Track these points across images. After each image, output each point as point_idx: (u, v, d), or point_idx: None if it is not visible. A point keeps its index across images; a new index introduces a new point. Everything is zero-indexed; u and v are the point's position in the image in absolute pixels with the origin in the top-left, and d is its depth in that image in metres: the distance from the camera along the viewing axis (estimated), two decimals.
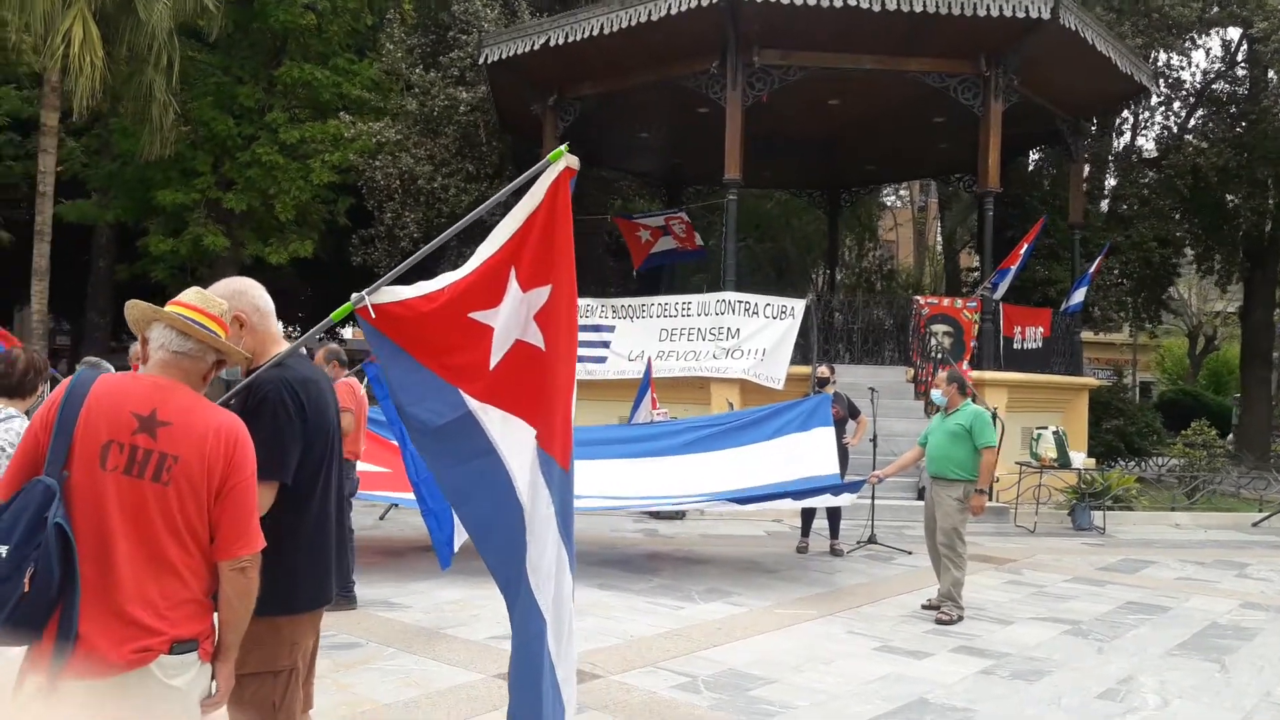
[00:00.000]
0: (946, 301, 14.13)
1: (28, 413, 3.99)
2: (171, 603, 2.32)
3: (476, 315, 2.88)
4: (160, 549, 2.31)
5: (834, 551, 9.45)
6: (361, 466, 7.39)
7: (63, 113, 18.18)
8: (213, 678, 2.46)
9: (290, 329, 27.12)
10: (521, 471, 2.93)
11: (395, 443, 8.00)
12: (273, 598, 2.62)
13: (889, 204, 32.58)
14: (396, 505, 10.46)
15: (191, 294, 2.57)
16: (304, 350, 3.03)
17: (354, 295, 2.84)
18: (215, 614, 2.46)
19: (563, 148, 2.92)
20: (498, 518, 2.92)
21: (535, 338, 2.95)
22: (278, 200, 19.90)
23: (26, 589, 2.14)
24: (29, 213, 18.26)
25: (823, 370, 10.15)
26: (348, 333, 34.67)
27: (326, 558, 2.90)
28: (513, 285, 2.90)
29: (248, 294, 2.88)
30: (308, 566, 2.83)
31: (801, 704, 5.00)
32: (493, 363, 2.91)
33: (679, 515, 11.37)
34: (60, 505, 2.21)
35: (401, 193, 17.50)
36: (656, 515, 11.33)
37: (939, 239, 30.25)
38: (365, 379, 7.48)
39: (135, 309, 2.54)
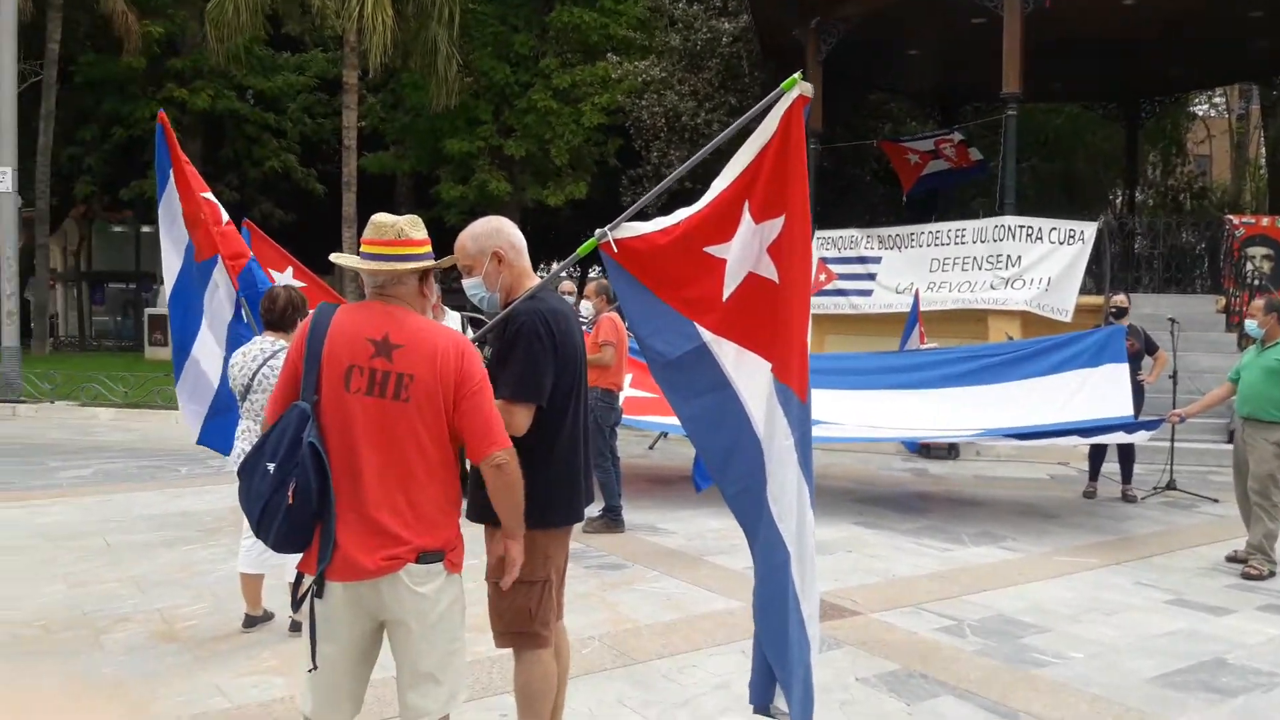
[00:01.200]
0: (1266, 221, 12.46)
1: None
2: (417, 512, 2.51)
3: (710, 249, 2.90)
4: (404, 461, 2.50)
5: (1126, 497, 8.69)
6: (629, 392, 7.65)
7: (361, 71, 19.77)
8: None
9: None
10: (757, 405, 2.92)
11: None
12: (529, 513, 2.78)
13: (1200, 113, 28.99)
14: (665, 435, 10.77)
15: (369, 227, 2.68)
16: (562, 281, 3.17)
17: (597, 231, 3.01)
18: (458, 525, 2.65)
19: (796, 76, 2.83)
20: (736, 450, 2.94)
21: (768, 270, 2.90)
22: (553, 145, 20.71)
23: (291, 500, 2.41)
24: (338, 166, 20.16)
25: (1120, 299, 9.26)
26: None
27: (576, 478, 3.06)
28: (745, 218, 2.88)
29: (503, 231, 3.05)
30: (560, 485, 3.00)
31: (1076, 655, 4.66)
32: (725, 295, 2.92)
33: (952, 454, 10.90)
34: (314, 426, 2.45)
35: (667, 131, 17.66)
36: (927, 454, 10.92)
37: (1262, 150, 26.65)
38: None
39: (340, 261, 2.79)
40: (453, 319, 7.67)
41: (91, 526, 6.97)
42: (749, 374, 2.93)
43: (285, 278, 6.99)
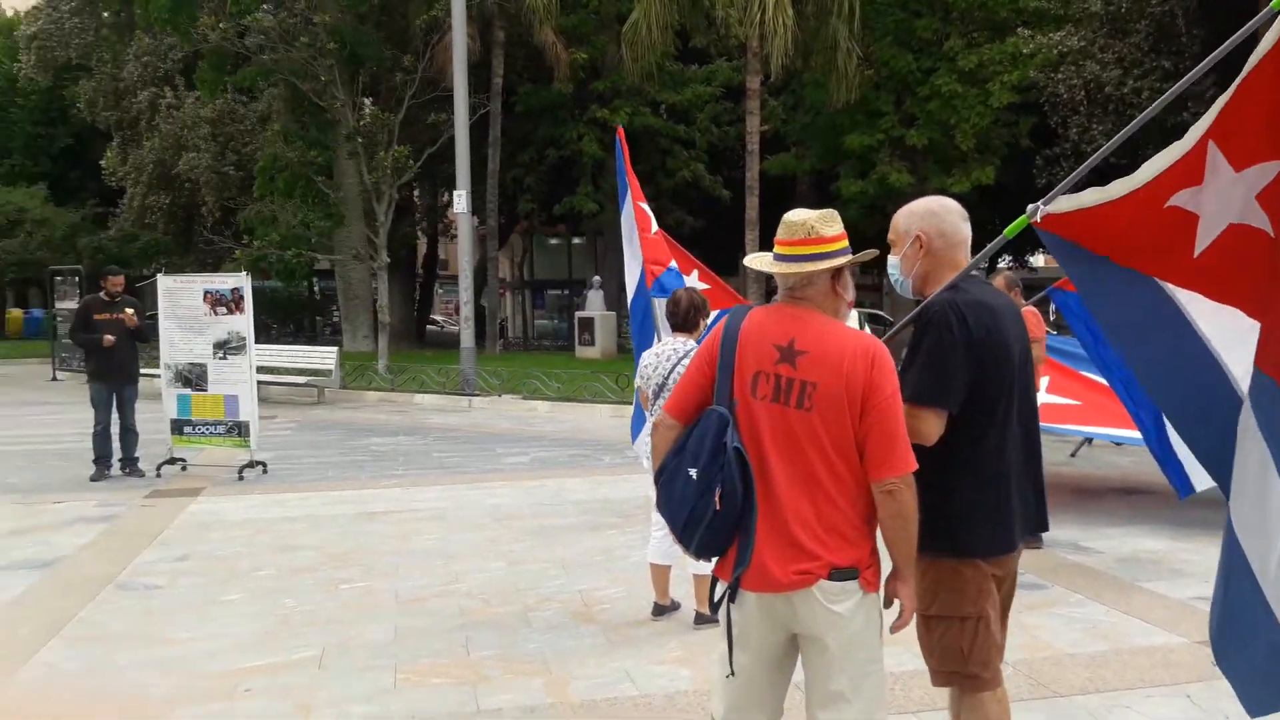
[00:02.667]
0: None
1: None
2: (826, 526, 2.38)
3: (1176, 201, 2.53)
4: (810, 472, 2.38)
5: None
6: (1046, 398, 7.01)
7: (763, 76, 20.17)
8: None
9: None
10: (1237, 363, 2.57)
11: (1085, 374, 7.45)
12: (945, 538, 2.55)
13: None
14: (1089, 441, 9.79)
15: (781, 226, 2.56)
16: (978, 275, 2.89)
17: (1029, 207, 2.74)
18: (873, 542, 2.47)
19: None
20: (1210, 412, 2.61)
21: (1258, 219, 2.46)
22: (957, 130, 19.77)
23: (718, 507, 2.37)
24: (741, 171, 20.77)
25: None
26: (1038, 260, 33.39)
27: (1007, 498, 2.65)
28: (1219, 164, 2.45)
29: (937, 216, 2.77)
30: (984, 507, 2.63)
31: None
32: (1197, 250, 2.56)
33: None
34: (735, 431, 2.40)
35: (1087, 104, 16.10)
36: None
37: None
38: (1051, 306, 7.06)
39: (752, 264, 2.67)
40: (850, 319, 7.50)
41: (528, 509, 7.73)
42: (1229, 331, 2.58)
43: (691, 280, 7.25)
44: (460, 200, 16.67)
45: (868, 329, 7.64)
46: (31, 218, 31.45)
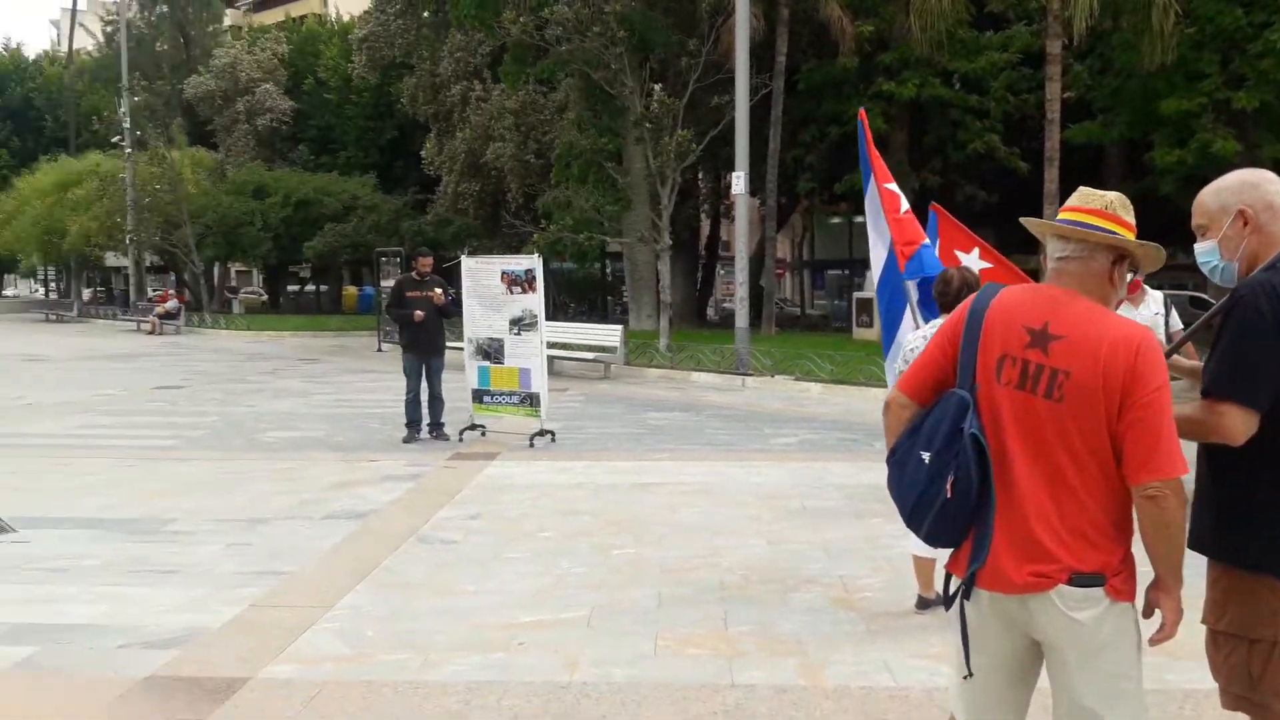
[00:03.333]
0: None
1: None
2: (1069, 527, 2.19)
3: None
4: (1055, 468, 2.20)
5: None
6: None
7: (1065, 40, 18.75)
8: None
9: None
10: None
11: None
12: (1238, 547, 2.30)
13: None
14: None
15: (1074, 195, 2.36)
16: None
17: None
18: (1126, 548, 2.26)
19: None
20: None
21: None
22: None
23: (949, 494, 2.24)
24: (1040, 142, 19.43)
25: None
26: None
27: None
28: None
29: (1259, 187, 2.44)
30: None
31: None
32: None
33: None
34: (974, 417, 2.25)
35: None
36: None
37: None
38: None
39: (1029, 224, 2.47)
40: (1154, 299, 6.87)
41: (793, 490, 7.74)
42: None
43: (971, 259, 6.91)
44: (738, 182, 16.83)
45: (1173, 314, 6.95)
46: (363, 204, 35.30)
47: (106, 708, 3.83)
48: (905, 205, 6.10)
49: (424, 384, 10.16)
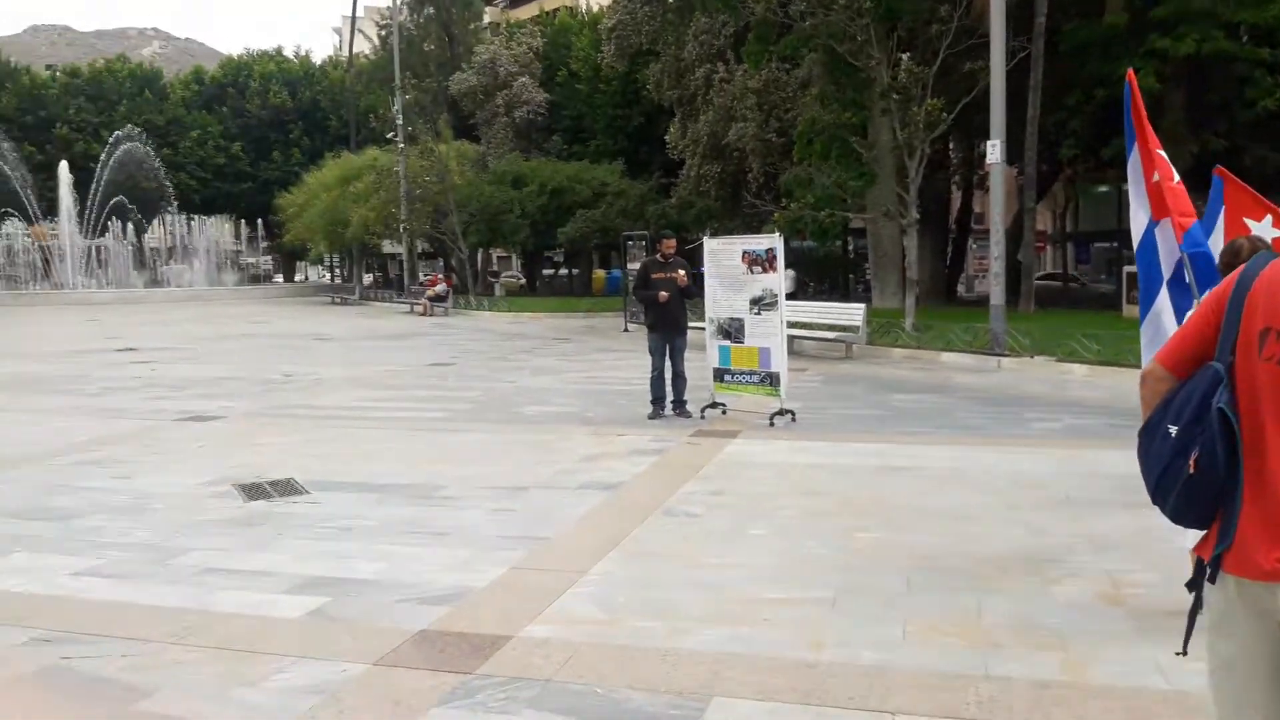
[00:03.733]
0: None
1: None
2: None
3: None
4: None
5: None
6: None
7: None
8: None
9: None
10: None
11: None
12: None
13: None
14: None
15: None
16: None
17: None
18: None
19: None
20: None
21: None
22: None
23: (1192, 470, 2.08)
24: None
25: None
26: None
27: None
28: None
29: None
30: None
31: None
32: None
33: None
34: (1225, 391, 2.07)
35: None
36: None
37: None
38: None
39: None
40: None
41: (1055, 478, 7.29)
42: None
43: (1263, 228, 6.21)
44: (994, 150, 15.95)
45: None
46: (611, 190, 36.49)
47: (387, 655, 4.21)
48: (1176, 175, 5.57)
49: (668, 362, 10.40)
